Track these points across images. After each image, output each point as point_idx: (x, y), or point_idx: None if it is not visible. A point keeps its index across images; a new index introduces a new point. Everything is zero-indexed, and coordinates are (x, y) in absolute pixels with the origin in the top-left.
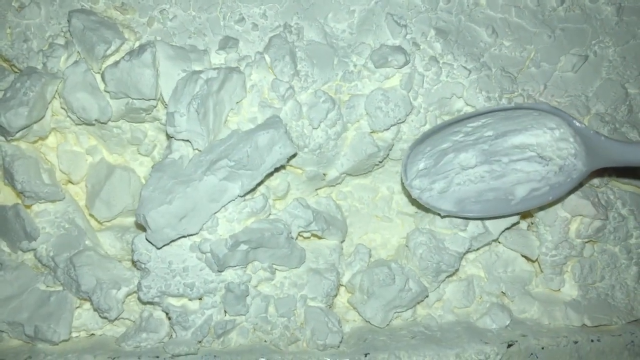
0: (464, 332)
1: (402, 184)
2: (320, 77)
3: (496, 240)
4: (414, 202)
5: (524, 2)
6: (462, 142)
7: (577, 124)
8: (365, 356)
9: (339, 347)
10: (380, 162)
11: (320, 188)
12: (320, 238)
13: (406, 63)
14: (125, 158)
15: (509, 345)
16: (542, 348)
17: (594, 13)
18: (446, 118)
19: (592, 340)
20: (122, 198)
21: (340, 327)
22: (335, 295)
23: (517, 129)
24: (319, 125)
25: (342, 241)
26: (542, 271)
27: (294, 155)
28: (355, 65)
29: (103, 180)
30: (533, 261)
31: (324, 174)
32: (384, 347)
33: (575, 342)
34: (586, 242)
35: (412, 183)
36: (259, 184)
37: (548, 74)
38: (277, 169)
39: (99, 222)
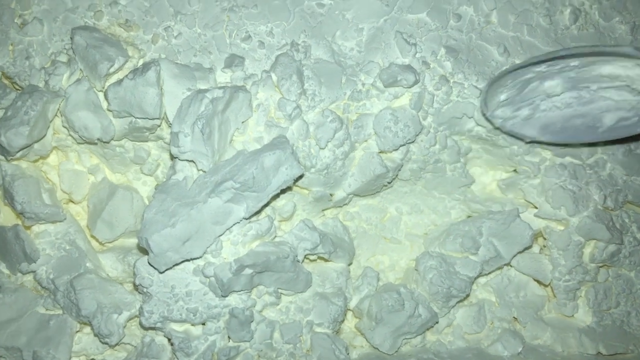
0: (475, 359)
1: (483, 115)
2: (328, 96)
3: (508, 264)
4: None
5: (537, 21)
6: (546, 71)
7: None
8: None
9: None
10: (389, 182)
11: (327, 209)
12: (326, 261)
13: (416, 82)
14: (128, 177)
15: None
16: None
17: (607, 32)
18: (456, 138)
19: None
20: (125, 219)
21: (348, 354)
22: (343, 321)
23: (604, 59)
24: (326, 145)
25: (350, 264)
26: (555, 296)
27: (300, 176)
28: (363, 84)
29: (105, 200)
30: (546, 286)
31: (331, 195)
32: None
33: None
34: (600, 267)
35: (494, 113)
36: (264, 206)
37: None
38: (283, 190)
39: (100, 243)
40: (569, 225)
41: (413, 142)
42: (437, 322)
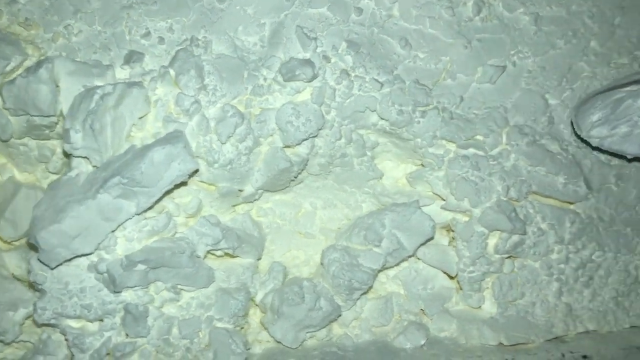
0: (377, 352)
1: (578, 136)
2: (229, 91)
3: (412, 256)
4: None
5: (439, 13)
6: (638, 89)
7: None
8: None
9: None
10: (295, 177)
11: (237, 205)
12: (233, 256)
13: (315, 76)
14: (37, 176)
15: None
16: None
17: (512, 23)
18: (362, 132)
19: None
20: (28, 217)
21: (247, 348)
22: (244, 316)
23: None
24: (228, 140)
25: (258, 259)
26: (461, 288)
27: (196, 171)
28: (265, 79)
29: (9, 199)
30: (452, 278)
31: (240, 190)
32: None
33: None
34: (506, 258)
35: (590, 134)
36: (158, 201)
37: (465, 85)
38: (177, 185)
39: (5, 242)
40: (472, 216)
41: (316, 136)
42: (339, 315)
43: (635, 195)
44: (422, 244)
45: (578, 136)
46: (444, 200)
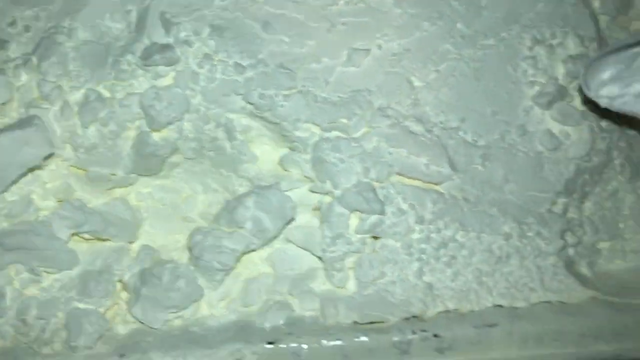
0: (235, 331)
1: (586, 96)
2: (93, 76)
3: (278, 237)
4: None
5: None
6: None
7: None
8: (121, 357)
9: (92, 348)
10: (164, 161)
11: (111, 189)
12: (103, 240)
13: (176, 61)
14: None
15: (270, 343)
16: (307, 347)
17: (377, 6)
18: (232, 116)
19: (357, 338)
20: None
21: (104, 328)
22: (106, 297)
23: None
24: (91, 125)
25: (131, 242)
26: (326, 268)
27: (50, 155)
28: (129, 64)
29: None
30: (320, 258)
31: (112, 174)
32: (143, 348)
33: (339, 340)
34: (368, 238)
35: (599, 93)
36: (12, 184)
37: (330, 69)
38: (32, 170)
39: None
40: (334, 197)
41: (181, 120)
42: (202, 296)
43: (502, 176)
44: (286, 225)
45: (586, 98)
46: (313, 182)
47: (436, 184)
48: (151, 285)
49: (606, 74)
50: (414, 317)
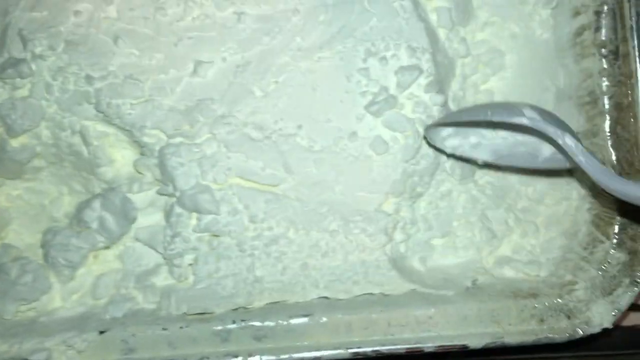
0: (78, 321)
1: (434, 147)
2: None
3: (124, 235)
4: None
5: (153, 13)
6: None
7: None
8: None
9: None
10: (23, 165)
11: None
12: None
13: (30, 74)
14: None
15: (101, 332)
16: (134, 335)
17: (223, 21)
18: (87, 123)
19: (181, 327)
20: None
21: None
22: None
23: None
24: None
25: None
26: (167, 264)
27: None
28: None
29: None
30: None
31: None
32: None
33: (165, 329)
34: (206, 236)
35: (444, 144)
36: None
37: (177, 79)
38: None
39: None
40: (176, 198)
41: (37, 127)
42: (50, 289)
43: (333, 178)
44: (130, 224)
45: (433, 146)
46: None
47: (272, 185)
48: (1, 279)
49: (445, 132)
50: (243, 308)
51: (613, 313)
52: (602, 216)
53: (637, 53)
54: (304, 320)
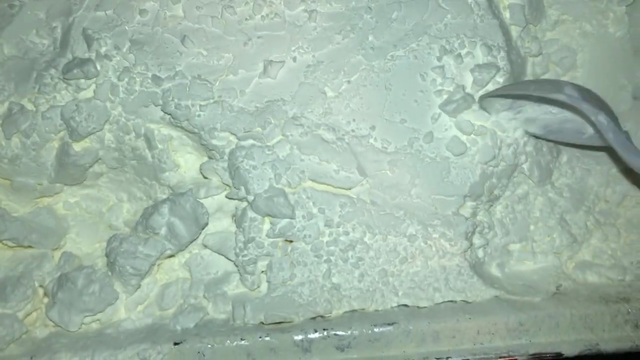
0: (147, 333)
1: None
2: (17, 90)
3: (193, 242)
4: None
5: (221, 12)
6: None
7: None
8: (31, 358)
9: (3, 350)
10: (86, 170)
11: (38, 198)
12: (26, 247)
13: (96, 74)
14: None
15: (176, 344)
16: (211, 346)
17: (292, 20)
18: (153, 126)
19: (260, 337)
20: None
21: (19, 331)
22: (25, 301)
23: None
24: (13, 136)
25: (54, 249)
26: (239, 272)
27: None
28: (52, 78)
29: None
30: (234, 262)
31: (39, 184)
32: (54, 350)
33: (243, 340)
34: (279, 242)
35: (499, 116)
36: None
37: (247, 80)
38: None
39: None
40: (248, 202)
41: (101, 130)
42: (117, 299)
43: (409, 181)
44: (200, 230)
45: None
46: (230, 189)
47: (346, 189)
48: (67, 289)
49: (500, 104)
50: (321, 317)
51: None
52: None
53: None
54: (389, 328)
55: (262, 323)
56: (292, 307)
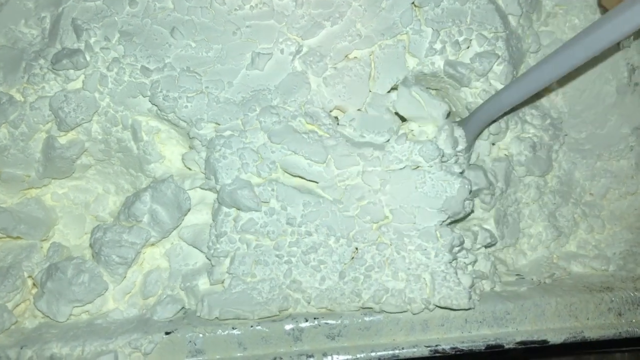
0: (133, 324)
1: None
2: (6, 80)
3: (176, 228)
4: None
5: (210, 2)
6: None
7: None
8: (21, 348)
9: None
10: (73, 162)
11: (27, 189)
12: (15, 238)
13: (85, 65)
14: None
15: (167, 333)
16: (202, 335)
17: (281, 9)
18: (140, 118)
19: (251, 327)
20: None
21: (9, 321)
22: (14, 292)
23: None
24: (2, 126)
25: (43, 240)
26: (212, 265)
27: None
28: (41, 68)
29: None
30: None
31: (27, 176)
32: (45, 340)
33: (234, 329)
34: (245, 236)
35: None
36: None
37: (234, 71)
38: None
39: None
40: (218, 194)
41: (90, 121)
42: (106, 290)
43: (379, 185)
44: (183, 216)
45: None
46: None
47: (316, 182)
48: (56, 279)
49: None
50: (276, 315)
51: None
52: None
53: None
54: (379, 317)
55: (217, 319)
56: (249, 304)
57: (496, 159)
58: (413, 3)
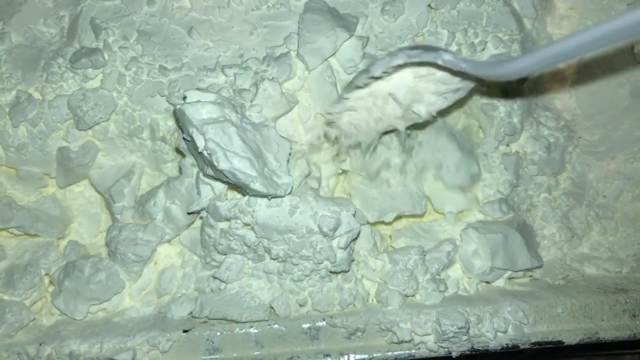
0: (150, 322)
1: None
2: (25, 78)
3: (190, 225)
4: None
5: (228, 2)
6: None
7: None
8: (40, 345)
9: (12, 337)
10: (90, 168)
11: (44, 187)
12: (32, 235)
13: (103, 64)
14: None
15: (185, 331)
16: (220, 334)
17: (298, 10)
18: (157, 117)
19: (269, 325)
20: None
21: (27, 319)
22: (32, 289)
23: None
24: (20, 124)
25: (60, 238)
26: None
27: None
28: (60, 67)
29: None
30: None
31: (44, 174)
32: (62, 337)
33: (252, 327)
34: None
35: None
36: None
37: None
38: None
39: None
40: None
41: (107, 120)
42: (123, 288)
43: None
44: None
45: None
46: None
47: None
48: (73, 277)
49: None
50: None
51: None
52: None
53: None
54: (394, 317)
55: (207, 317)
56: (239, 307)
57: (506, 154)
58: (429, 5)
